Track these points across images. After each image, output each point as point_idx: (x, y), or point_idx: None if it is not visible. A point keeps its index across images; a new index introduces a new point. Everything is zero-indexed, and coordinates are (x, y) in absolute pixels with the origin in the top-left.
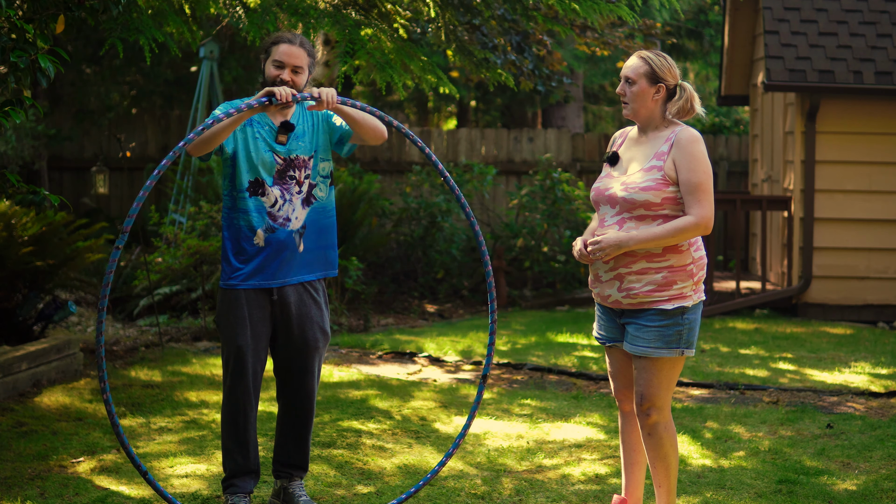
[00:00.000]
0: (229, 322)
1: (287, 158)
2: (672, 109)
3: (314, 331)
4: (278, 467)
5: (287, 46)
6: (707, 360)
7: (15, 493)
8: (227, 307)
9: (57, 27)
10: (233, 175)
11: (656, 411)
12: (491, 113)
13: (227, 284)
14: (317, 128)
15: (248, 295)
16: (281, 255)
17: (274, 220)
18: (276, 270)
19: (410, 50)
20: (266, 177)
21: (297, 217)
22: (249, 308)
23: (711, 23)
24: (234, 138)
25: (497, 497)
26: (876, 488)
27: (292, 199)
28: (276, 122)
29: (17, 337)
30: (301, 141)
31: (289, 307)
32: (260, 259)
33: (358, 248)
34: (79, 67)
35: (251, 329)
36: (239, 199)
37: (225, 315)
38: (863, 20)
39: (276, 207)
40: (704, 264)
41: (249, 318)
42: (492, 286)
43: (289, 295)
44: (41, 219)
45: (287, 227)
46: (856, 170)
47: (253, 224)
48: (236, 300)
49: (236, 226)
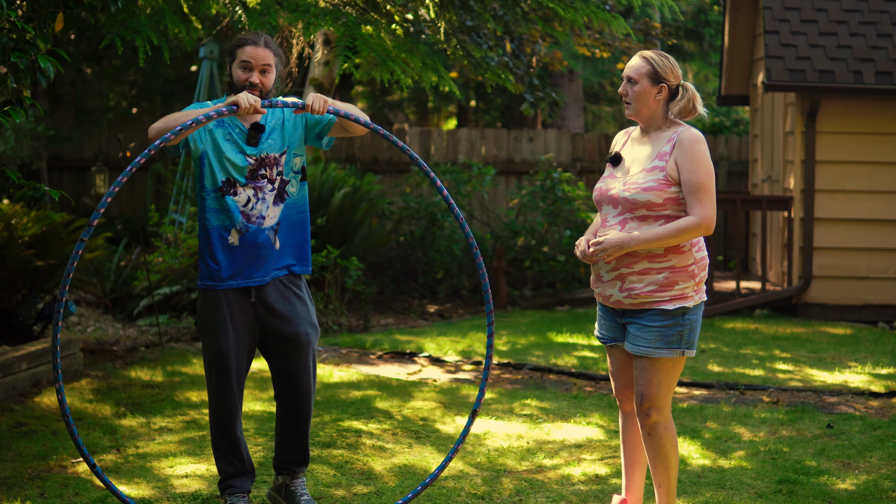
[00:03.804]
0: (210, 325)
1: (258, 158)
2: (674, 109)
3: (304, 326)
4: (280, 464)
5: (252, 48)
6: (707, 360)
7: (15, 493)
8: (208, 309)
9: (56, 25)
10: (203, 175)
11: (656, 411)
12: (491, 113)
13: (205, 285)
14: (289, 123)
15: (228, 296)
16: (258, 253)
17: (248, 219)
18: (255, 270)
19: (411, 45)
20: (238, 177)
21: (271, 215)
22: (231, 311)
23: (711, 23)
24: (203, 139)
25: (497, 497)
26: (876, 488)
27: (265, 198)
28: (247, 124)
29: (17, 337)
30: (271, 139)
31: (272, 306)
32: (237, 258)
33: (358, 248)
34: (79, 67)
35: (233, 332)
36: (211, 199)
37: (206, 317)
38: (863, 20)
39: (249, 206)
40: (706, 265)
41: (231, 321)
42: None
43: (269, 294)
44: (41, 219)
45: (261, 226)
46: (856, 170)
47: (226, 224)
48: (216, 302)
49: (211, 226)
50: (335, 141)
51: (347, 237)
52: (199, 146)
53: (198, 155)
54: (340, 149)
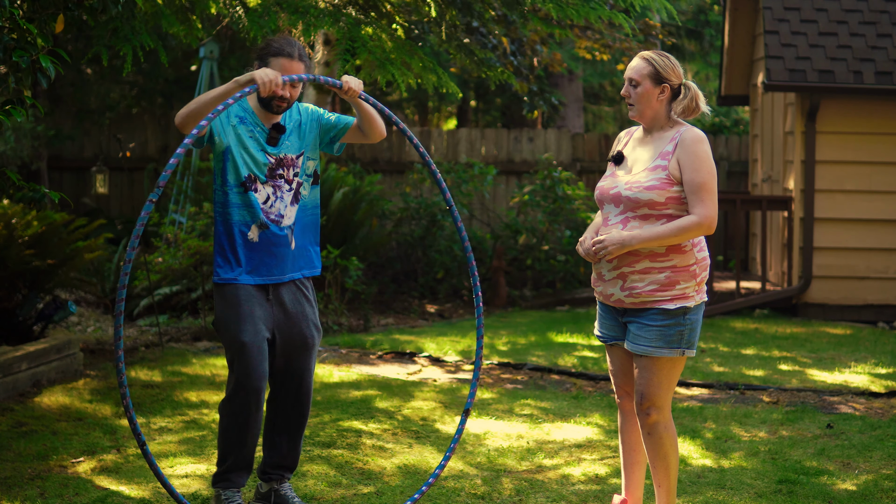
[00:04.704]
0: (234, 318)
1: (277, 157)
2: (677, 109)
3: (310, 328)
4: (269, 470)
5: (287, 61)
6: (707, 360)
7: (15, 493)
8: (229, 304)
9: (56, 27)
10: (226, 170)
11: (656, 411)
12: (491, 113)
13: (223, 280)
14: (305, 127)
15: (248, 290)
16: (276, 251)
17: (267, 216)
18: (273, 267)
19: (411, 48)
20: (259, 174)
21: (289, 214)
22: (250, 305)
23: (711, 23)
24: (227, 133)
25: (497, 497)
26: (876, 488)
27: (283, 197)
28: (267, 124)
29: (17, 337)
30: (289, 140)
31: (285, 306)
32: (256, 255)
33: (358, 249)
34: (79, 67)
35: (255, 325)
36: (234, 193)
37: (227, 312)
38: (863, 20)
39: (269, 204)
40: (707, 265)
41: (252, 315)
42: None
43: (283, 294)
44: (41, 218)
45: (280, 224)
46: (856, 170)
47: (248, 219)
48: (237, 296)
49: (233, 221)
50: None
51: (347, 237)
52: (223, 140)
53: (222, 149)
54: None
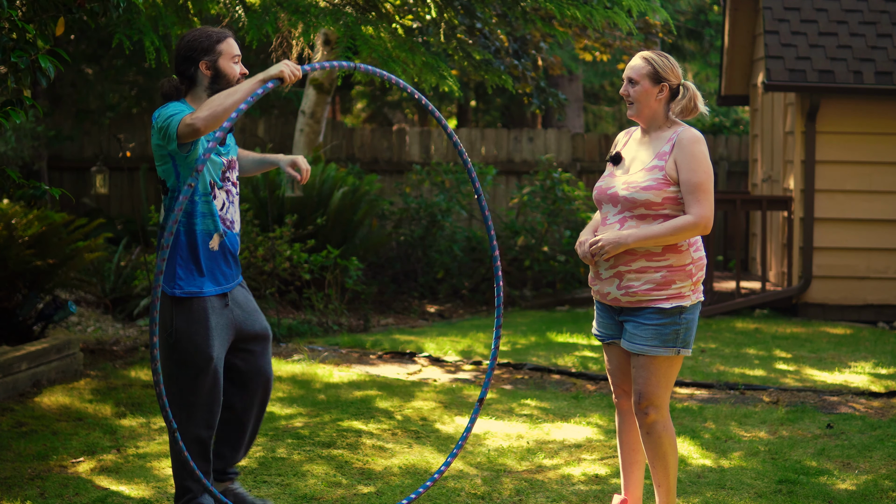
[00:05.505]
0: (200, 333)
1: (228, 159)
2: (676, 109)
3: (262, 320)
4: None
5: (232, 40)
6: (707, 360)
7: (15, 493)
8: (193, 317)
9: (57, 30)
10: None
11: (654, 410)
12: (491, 113)
13: (187, 293)
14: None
15: (212, 302)
16: (230, 258)
17: (224, 223)
18: (228, 274)
19: (412, 46)
20: (216, 178)
21: (237, 220)
22: (215, 317)
23: (711, 23)
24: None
25: (497, 497)
26: (876, 488)
27: (234, 202)
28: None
29: (17, 337)
30: (230, 140)
31: (240, 303)
32: (214, 263)
33: (358, 249)
34: (79, 67)
35: (219, 339)
36: (202, 202)
37: (191, 326)
38: (863, 20)
39: (224, 210)
40: (704, 265)
41: (216, 328)
42: (500, 291)
43: (237, 294)
44: (41, 218)
45: (233, 230)
46: (856, 170)
47: (210, 228)
48: (203, 309)
49: (197, 230)
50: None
51: (347, 237)
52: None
53: (196, 156)
54: (340, 149)
